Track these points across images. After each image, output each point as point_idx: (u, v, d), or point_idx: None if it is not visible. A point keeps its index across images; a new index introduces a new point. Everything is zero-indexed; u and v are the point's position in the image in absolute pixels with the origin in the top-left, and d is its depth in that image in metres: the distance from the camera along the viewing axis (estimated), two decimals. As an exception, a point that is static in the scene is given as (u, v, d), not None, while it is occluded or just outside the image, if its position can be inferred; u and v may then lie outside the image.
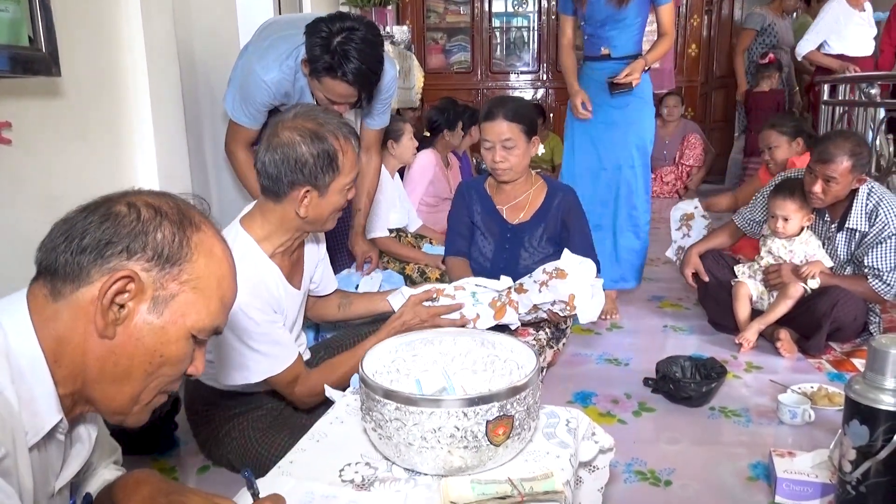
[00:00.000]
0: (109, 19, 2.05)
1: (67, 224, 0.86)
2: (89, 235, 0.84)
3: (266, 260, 1.67)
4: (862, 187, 2.51)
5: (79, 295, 0.84)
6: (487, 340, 1.45)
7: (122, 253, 0.85)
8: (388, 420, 1.17)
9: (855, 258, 2.58)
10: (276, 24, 2.30)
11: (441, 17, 6.96)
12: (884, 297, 2.51)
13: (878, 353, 1.36)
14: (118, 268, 0.84)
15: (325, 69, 1.99)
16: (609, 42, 2.90)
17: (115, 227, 0.85)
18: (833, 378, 2.35)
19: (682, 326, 2.90)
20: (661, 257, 4.12)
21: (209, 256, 0.91)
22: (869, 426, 1.35)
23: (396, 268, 3.37)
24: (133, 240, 0.85)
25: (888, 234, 2.45)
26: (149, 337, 0.87)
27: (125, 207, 0.86)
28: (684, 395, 2.15)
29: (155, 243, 0.86)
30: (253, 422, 1.75)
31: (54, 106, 1.81)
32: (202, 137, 2.69)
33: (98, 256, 0.84)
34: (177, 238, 0.88)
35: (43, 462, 0.89)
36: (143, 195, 0.90)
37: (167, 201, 0.90)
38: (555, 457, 1.26)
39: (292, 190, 1.61)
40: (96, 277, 0.84)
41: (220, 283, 0.93)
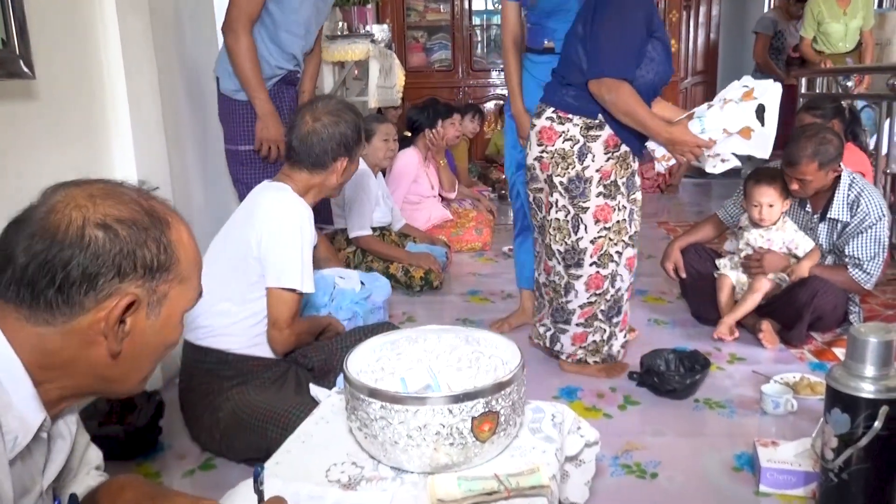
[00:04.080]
0: (84, 21, 2.03)
1: (35, 256, 0.82)
2: (74, 269, 0.82)
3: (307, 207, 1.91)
4: (843, 178, 2.54)
5: (73, 323, 0.84)
6: (472, 337, 1.45)
7: (114, 279, 0.84)
8: (373, 419, 1.16)
9: (836, 248, 2.61)
10: None
11: (421, 15, 6.95)
12: (864, 286, 2.54)
13: (858, 341, 1.38)
14: (113, 293, 0.85)
15: None
16: (553, 35, 2.48)
17: (98, 256, 0.83)
18: (815, 368, 2.38)
19: (666, 320, 2.92)
20: (644, 251, 4.14)
21: (184, 247, 0.93)
22: (850, 414, 1.37)
23: (380, 267, 3.37)
24: (122, 262, 0.85)
25: (869, 224, 2.49)
26: (153, 336, 0.91)
27: (99, 231, 0.83)
28: (669, 387, 2.17)
29: (144, 261, 0.87)
30: (252, 387, 1.84)
31: (29, 108, 1.79)
32: (181, 137, 2.67)
33: (90, 288, 0.83)
34: (160, 247, 0.88)
35: (27, 466, 0.89)
36: (93, 204, 0.85)
37: (129, 207, 0.87)
38: (541, 451, 1.26)
39: (335, 161, 1.92)
40: (91, 306, 0.84)
41: (196, 260, 0.96)
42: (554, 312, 2.35)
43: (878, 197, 2.55)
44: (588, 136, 2.16)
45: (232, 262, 1.86)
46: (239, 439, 1.78)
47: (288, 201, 1.87)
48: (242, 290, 1.85)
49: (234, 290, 1.85)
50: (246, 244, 1.83)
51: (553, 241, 2.26)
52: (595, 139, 2.16)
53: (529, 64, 2.58)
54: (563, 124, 2.17)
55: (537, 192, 2.31)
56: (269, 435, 1.67)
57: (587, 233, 2.21)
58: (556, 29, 2.43)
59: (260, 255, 1.82)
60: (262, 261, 1.82)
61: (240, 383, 1.84)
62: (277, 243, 1.82)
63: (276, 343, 1.87)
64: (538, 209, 2.34)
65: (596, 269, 2.24)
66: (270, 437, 1.64)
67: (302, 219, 1.86)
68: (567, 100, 2.18)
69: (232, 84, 2.53)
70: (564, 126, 2.17)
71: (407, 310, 3.12)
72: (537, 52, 2.53)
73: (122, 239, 0.85)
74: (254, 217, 1.85)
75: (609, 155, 2.18)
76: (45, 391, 0.87)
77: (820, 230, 2.63)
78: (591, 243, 2.21)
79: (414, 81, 6.30)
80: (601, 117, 2.15)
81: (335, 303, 2.41)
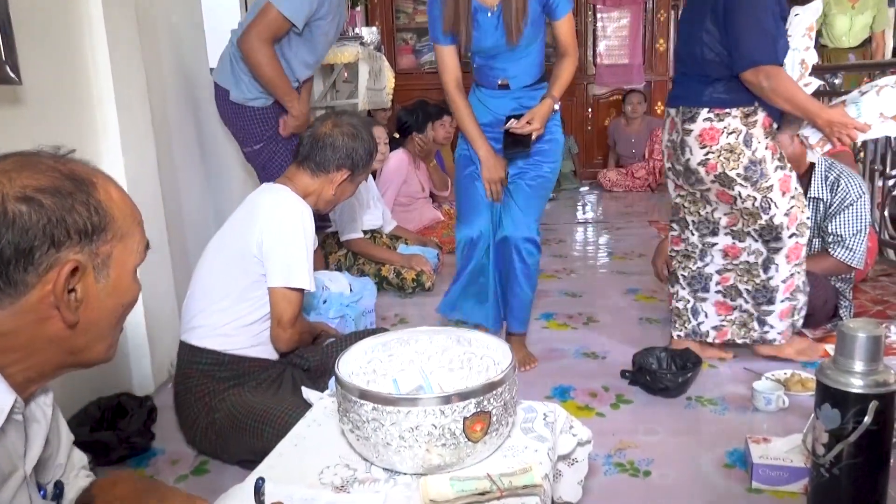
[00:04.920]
0: (71, 25, 2.02)
1: None
2: (6, 248, 0.80)
3: (307, 206, 1.93)
4: (820, 161, 2.62)
5: (22, 303, 0.83)
6: (463, 338, 1.45)
7: (50, 249, 0.82)
8: (365, 421, 1.16)
9: (821, 230, 2.66)
10: None
11: (410, 17, 6.96)
12: (849, 263, 2.58)
13: (847, 337, 1.39)
14: (53, 264, 0.83)
15: None
16: (505, 73, 2.28)
17: (27, 230, 0.81)
18: (806, 364, 2.39)
19: (657, 318, 2.93)
20: (635, 250, 4.16)
21: (116, 203, 0.91)
22: (840, 409, 1.38)
23: (372, 270, 3.37)
24: (53, 232, 0.82)
25: (850, 202, 2.57)
26: (107, 299, 0.90)
27: (22, 205, 0.81)
28: (661, 386, 2.17)
29: (76, 226, 0.84)
30: (248, 388, 1.85)
31: (15, 114, 1.78)
32: (171, 141, 2.66)
33: (28, 264, 0.81)
34: (89, 209, 0.86)
35: (6, 450, 0.87)
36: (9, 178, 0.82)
37: (48, 175, 0.85)
38: (533, 451, 1.27)
39: (339, 169, 1.96)
40: (34, 282, 0.82)
41: (132, 214, 0.93)
42: (755, 295, 2.32)
43: (857, 177, 2.65)
44: (748, 123, 2.15)
45: (231, 262, 1.86)
46: (235, 441, 1.77)
47: (289, 201, 1.89)
48: (241, 290, 1.86)
49: (232, 290, 1.86)
50: (246, 244, 1.84)
51: (746, 224, 2.26)
52: (754, 125, 2.15)
53: (486, 98, 2.34)
54: (722, 120, 2.15)
55: (703, 191, 2.29)
56: (265, 436, 1.67)
57: (778, 208, 2.20)
58: (507, 68, 2.27)
59: (262, 255, 1.83)
60: (264, 261, 1.83)
61: (236, 385, 1.84)
62: (281, 243, 1.83)
63: (281, 342, 1.89)
64: (702, 205, 2.33)
65: (795, 240, 2.24)
66: (267, 439, 1.64)
67: (304, 218, 1.88)
68: (718, 96, 2.16)
69: (247, 93, 2.63)
70: (724, 122, 2.15)
71: (399, 311, 3.12)
72: (492, 88, 2.33)
73: (48, 208, 0.82)
74: (255, 217, 1.86)
75: (769, 135, 2.18)
76: (10, 375, 0.85)
77: None
78: (786, 216, 2.21)
79: (404, 83, 6.30)
80: (756, 103, 2.14)
81: (326, 304, 2.41)
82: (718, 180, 2.21)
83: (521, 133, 2.18)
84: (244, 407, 1.77)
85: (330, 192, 1.98)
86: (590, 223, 5.26)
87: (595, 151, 7.10)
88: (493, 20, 2.20)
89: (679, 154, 2.28)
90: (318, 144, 1.95)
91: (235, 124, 2.74)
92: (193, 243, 2.72)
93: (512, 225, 2.31)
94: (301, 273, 1.84)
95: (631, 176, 6.50)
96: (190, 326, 1.89)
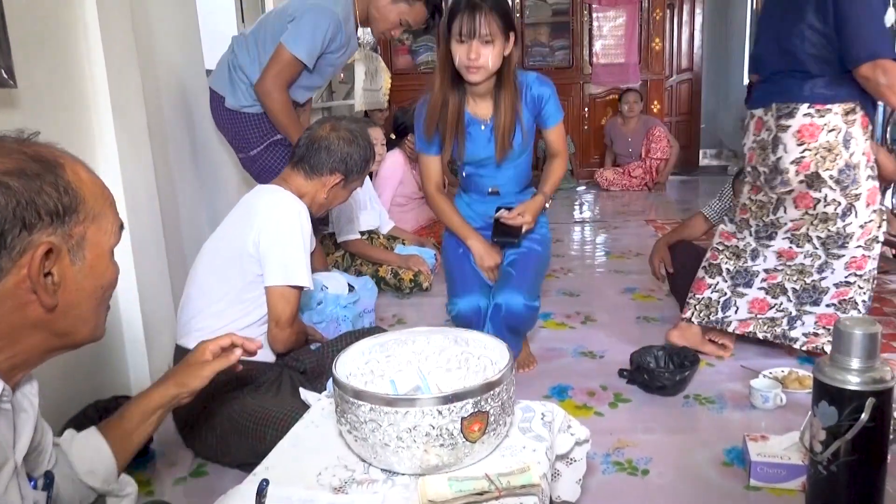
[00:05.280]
0: (67, 28, 2.01)
1: None
2: None
3: (304, 205, 1.93)
4: None
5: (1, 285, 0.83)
6: (461, 338, 1.45)
7: (22, 232, 0.82)
8: (363, 422, 1.16)
9: None
10: None
11: (406, 18, 6.94)
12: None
13: (843, 334, 1.39)
14: (26, 247, 0.83)
15: None
16: (495, 181, 2.30)
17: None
18: (803, 361, 2.39)
19: (655, 317, 2.93)
20: (633, 249, 4.17)
21: (85, 184, 0.91)
22: (837, 407, 1.38)
23: (370, 270, 3.37)
24: (23, 215, 0.82)
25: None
26: (85, 280, 0.90)
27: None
28: (659, 384, 2.18)
29: (47, 207, 0.84)
30: (248, 391, 1.83)
31: (10, 118, 1.78)
32: (167, 144, 2.66)
33: (0, 248, 0.81)
34: (59, 189, 0.86)
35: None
36: None
37: (13, 158, 0.84)
38: (531, 450, 1.27)
39: (332, 173, 1.96)
40: (9, 266, 0.82)
41: (103, 195, 0.94)
42: (801, 294, 2.28)
43: None
44: (848, 121, 2.08)
45: (227, 264, 1.86)
46: (235, 444, 1.77)
47: (286, 201, 1.90)
48: (238, 291, 1.86)
49: (228, 292, 1.86)
50: (242, 244, 1.84)
51: (813, 229, 2.20)
52: (853, 123, 2.09)
53: (475, 203, 2.36)
54: (823, 116, 2.09)
55: (782, 195, 2.21)
56: (267, 438, 1.66)
57: (857, 217, 2.15)
58: (497, 176, 2.29)
59: (259, 255, 1.83)
60: (261, 260, 1.83)
61: (234, 387, 1.83)
62: (279, 242, 1.83)
63: (279, 341, 1.89)
64: (771, 210, 2.26)
65: (862, 252, 2.19)
66: (269, 441, 1.62)
67: (301, 217, 1.89)
68: (820, 91, 2.09)
69: (242, 100, 2.65)
70: (825, 118, 2.08)
71: (396, 312, 3.12)
72: (481, 195, 2.34)
73: (16, 191, 0.81)
74: (251, 217, 1.86)
75: (866, 136, 2.13)
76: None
77: None
78: (861, 227, 2.16)
79: (400, 84, 6.29)
80: (857, 101, 2.08)
81: (321, 305, 2.41)
82: (807, 181, 2.13)
83: (512, 224, 2.16)
84: (244, 410, 1.77)
85: (322, 196, 1.99)
86: (587, 222, 5.27)
87: (592, 151, 7.11)
88: (486, 133, 2.21)
89: (769, 153, 2.19)
90: (313, 147, 1.96)
91: (231, 131, 2.74)
92: (189, 246, 2.72)
93: (510, 293, 2.13)
94: (299, 271, 1.84)
95: (628, 175, 6.51)
96: (186, 330, 1.88)
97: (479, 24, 1.99)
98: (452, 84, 2.15)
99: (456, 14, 2.02)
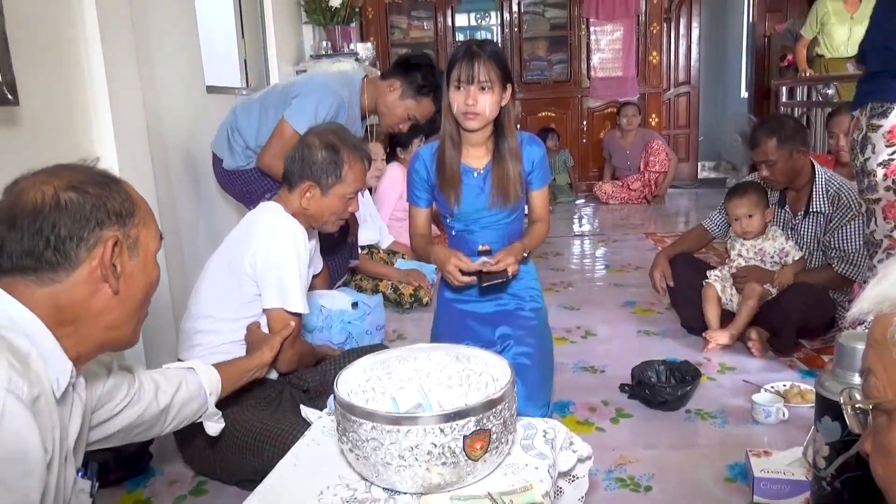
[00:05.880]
0: (69, 47, 2.03)
1: (24, 230, 0.98)
2: (62, 227, 0.99)
3: (301, 227, 1.91)
4: (819, 172, 2.62)
5: (76, 275, 1.01)
6: (462, 355, 1.45)
7: (96, 228, 1.02)
8: (364, 440, 1.16)
9: (822, 244, 2.64)
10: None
11: (405, 32, 6.99)
12: (853, 278, 2.56)
13: (845, 348, 1.38)
14: (98, 241, 1.02)
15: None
16: (485, 238, 2.17)
17: (79, 212, 1.00)
18: (805, 375, 2.39)
19: (656, 331, 2.93)
20: (632, 262, 4.16)
21: (137, 197, 1.11)
22: (840, 422, 1.37)
23: (370, 285, 3.36)
24: (97, 214, 1.02)
25: (851, 217, 2.54)
26: (139, 275, 1.09)
27: (71, 193, 1.01)
28: (660, 399, 2.17)
29: (114, 209, 1.05)
30: (247, 406, 1.82)
31: (12, 135, 1.78)
32: (168, 162, 2.67)
33: (79, 240, 1.00)
34: (121, 196, 1.07)
35: (62, 416, 1.02)
36: (55, 178, 1.02)
37: (84, 173, 1.05)
38: (533, 468, 1.26)
39: (301, 182, 1.93)
40: (84, 257, 1.01)
41: (147, 207, 1.13)
42: None
43: (856, 190, 2.59)
44: None
45: (227, 281, 1.86)
46: (234, 460, 1.76)
47: (283, 224, 1.89)
48: (237, 308, 1.86)
49: (227, 309, 1.86)
50: (240, 264, 1.84)
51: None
52: None
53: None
54: None
55: (870, 202, 2.07)
56: (265, 455, 1.66)
57: None
58: (487, 235, 2.16)
59: (255, 276, 1.83)
60: (258, 282, 1.83)
61: (234, 403, 1.82)
62: (274, 265, 1.83)
63: (281, 362, 1.88)
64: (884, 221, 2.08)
65: None
66: (267, 458, 1.62)
67: (296, 240, 1.86)
68: None
69: (239, 161, 2.73)
70: None
71: (397, 327, 3.12)
72: (472, 255, 2.14)
73: (92, 195, 1.02)
74: (249, 236, 1.87)
75: None
76: (65, 347, 1.01)
77: (804, 227, 2.67)
78: None
79: (399, 98, 6.32)
80: None
81: (325, 321, 2.40)
82: (894, 187, 2.01)
83: (496, 270, 2.03)
84: (244, 426, 1.76)
85: (305, 208, 1.95)
86: (586, 236, 5.27)
87: (590, 164, 7.13)
88: (478, 181, 2.14)
89: (858, 153, 2.08)
90: (289, 160, 1.98)
91: (233, 189, 2.83)
92: (189, 262, 2.72)
93: (524, 403, 1.92)
94: (294, 296, 1.84)
95: (627, 188, 6.52)
96: (187, 345, 1.88)
97: (476, 70, 1.99)
98: (452, 139, 2.12)
99: (455, 63, 2.03)
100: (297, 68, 4.41)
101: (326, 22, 4.46)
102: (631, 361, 2.39)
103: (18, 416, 0.88)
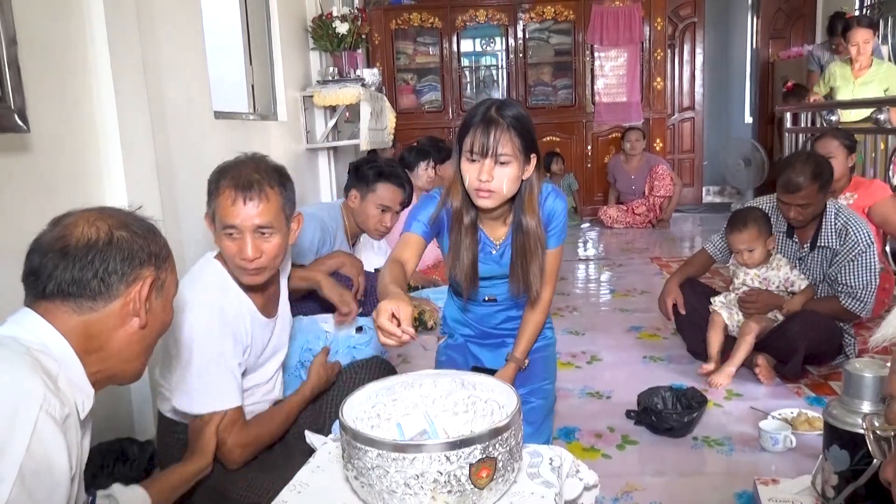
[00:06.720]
0: (79, 75, 2.05)
1: (77, 260, 1.07)
2: (111, 262, 1.09)
3: (235, 288, 1.70)
4: (829, 207, 2.58)
5: (111, 306, 1.10)
6: (468, 381, 1.44)
7: (138, 266, 1.12)
8: (369, 468, 1.15)
9: (828, 278, 2.62)
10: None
11: (410, 58, 7.06)
12: (858, 314, 2.55)
13: (853, 377, 1.38)
14: (136, 277, 1.12)
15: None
16: (492, 291, 2.01)
17: (128, 251, 1.11)
18: (812, 402, 2.37)
19: (661, 356, 2.92)
20: (637, 287, 4.16)
21: (168, 246, 1.21)
22: (849, 451, 1.37)
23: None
24: (141, 255, 1.13)
25: (859, 252, 2.52)
26: (160, 314, 1.19)
27: (122, 232, 1.12)
28: (667, 426, 2.15)
29: (155, 252, 1.16)
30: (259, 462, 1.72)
31: (24, 162, 1.80)
32: (175, 186, 2.68)
33: (123, 275, 1.10)
34: (160, 241, 1.19)
35: (85, 440, 1.10)
36: (107, 216, 1.13)
37: (130, 216, 1.17)
38: (539, 497, 1.25)
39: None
40: (122, 290, 1.11)
41: (172, 256, 1.23)
42: None
43: (864, 225, 2.59)
44: None
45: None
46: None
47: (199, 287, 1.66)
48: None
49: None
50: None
51: None
52: None
53: (472, 306, 2.08)
54: None
55: None
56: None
57: None
58: (495, 287, 1.99)
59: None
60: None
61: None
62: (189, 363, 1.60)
63: (224, 461, 1.65)
64: None
65: None
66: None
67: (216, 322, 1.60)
68: None
69: None
70: None
71: (402, 351, 3.11)
72: (475, 302, 2.05)
73: (140, 235, 1.14)
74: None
75: None
76: (89, 374, 1.08)
77: (811, 260, 2.66)
78: None
79: (405, 123, 6.38)
80: None
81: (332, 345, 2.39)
82: None
83: None
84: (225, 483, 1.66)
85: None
86: (591, 260, 5.27)
87: (595, 188, 7.15)
88: (495, 257, 1.93)
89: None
90: None
91: None
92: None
93: None
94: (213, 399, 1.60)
95: (631, 212, 6.53)
96: (164, 397, 1.74)
97: (493, 141, 1.68)
98: (464, 205, 1.83)
99: (469, 128, 1.71)
100: (304, 94, 4.45)
101: (333, 48, 4.50)
102: (637, 387, 2.38)
103: (50, 432, 0.95)
